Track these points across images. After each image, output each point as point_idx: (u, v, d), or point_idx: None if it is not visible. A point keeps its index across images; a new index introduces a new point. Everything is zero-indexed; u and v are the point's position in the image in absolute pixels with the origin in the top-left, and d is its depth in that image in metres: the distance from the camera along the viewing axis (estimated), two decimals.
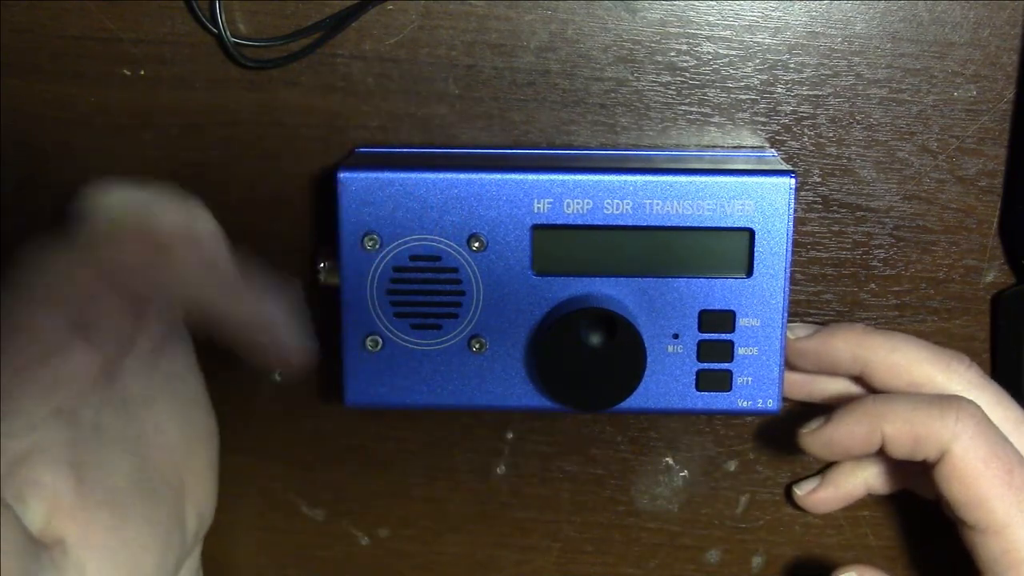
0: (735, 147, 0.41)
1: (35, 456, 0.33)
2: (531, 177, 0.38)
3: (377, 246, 0.38)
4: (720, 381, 0.39)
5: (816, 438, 0.39)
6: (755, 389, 0.39)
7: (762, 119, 0.41)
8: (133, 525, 0.35)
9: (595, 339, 0.38)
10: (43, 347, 0.33)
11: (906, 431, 0.37)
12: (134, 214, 0.35)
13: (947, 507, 0.38)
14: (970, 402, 0.37)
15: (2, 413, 0.32)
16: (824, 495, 0.43)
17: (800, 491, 0.43)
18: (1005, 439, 0.37)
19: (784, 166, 0.39)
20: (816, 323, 0.42)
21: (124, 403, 0.36)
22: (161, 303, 0.36)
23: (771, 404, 0.40)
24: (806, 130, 0.41)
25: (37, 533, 0.32)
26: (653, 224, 0.38)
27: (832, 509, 0.43)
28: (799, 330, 0.41)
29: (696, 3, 0.40)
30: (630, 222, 0.38)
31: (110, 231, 0.35)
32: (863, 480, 0.42)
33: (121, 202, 0.36)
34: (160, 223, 0.35)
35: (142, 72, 0.40)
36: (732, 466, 0.44)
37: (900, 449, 0.38)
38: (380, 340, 0.39)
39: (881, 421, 0.37)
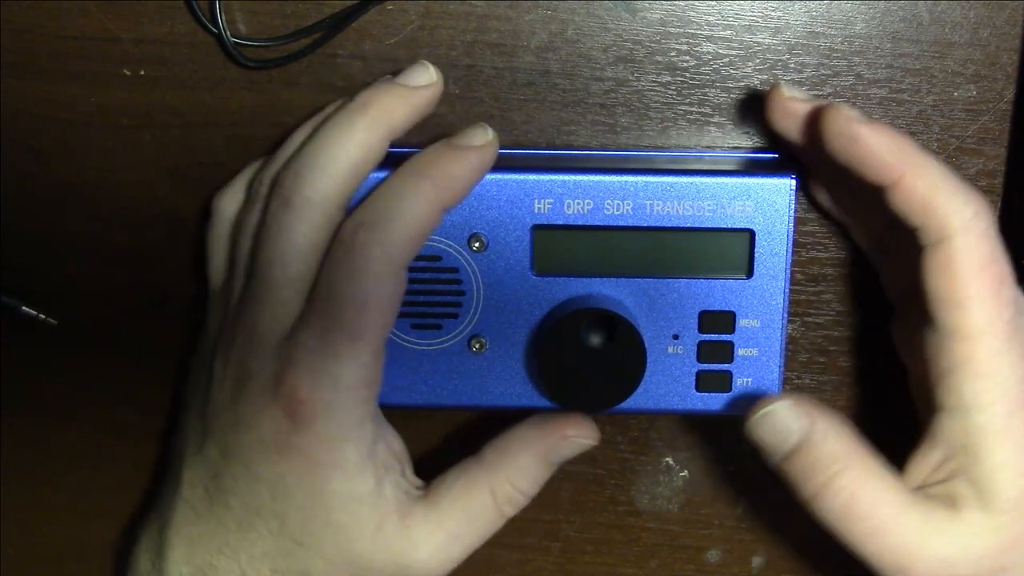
0: (735, 147, 0.41)
1: None
2: (531, 177, 0.38)
3: None
4: (720, 382, 0.39)
5: (846, 127, 0.34)
6: (755, 390, 0.39)
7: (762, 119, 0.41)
8: None
9: (595, 339, 0.38)
10: None
11: (924, 192, 0.34)
12: None
13: (922, 300, 0.35)
14: (989, 204, 0.35)
15: None
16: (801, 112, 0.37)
17: (786, 91, 0.38)
18: (1003, 251, 0.35)
19: (784, 166, 0.39)
20: (816, 323, 0.42)
21: None
22: None
23: None
24: None
25: None
26: (653, 225, 0.38)
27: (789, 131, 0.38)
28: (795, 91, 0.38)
29: (696, 3, 0.40)
30: (630, 222, 0.38)
31: None
32: (836, 173, 0.37)
33: None
34: None
35: (142, 72, 0.40)
36: (732, 466, 0.44)
37: (905, 204, 0.34)
38: None
39: (909, 163, 0.34)
